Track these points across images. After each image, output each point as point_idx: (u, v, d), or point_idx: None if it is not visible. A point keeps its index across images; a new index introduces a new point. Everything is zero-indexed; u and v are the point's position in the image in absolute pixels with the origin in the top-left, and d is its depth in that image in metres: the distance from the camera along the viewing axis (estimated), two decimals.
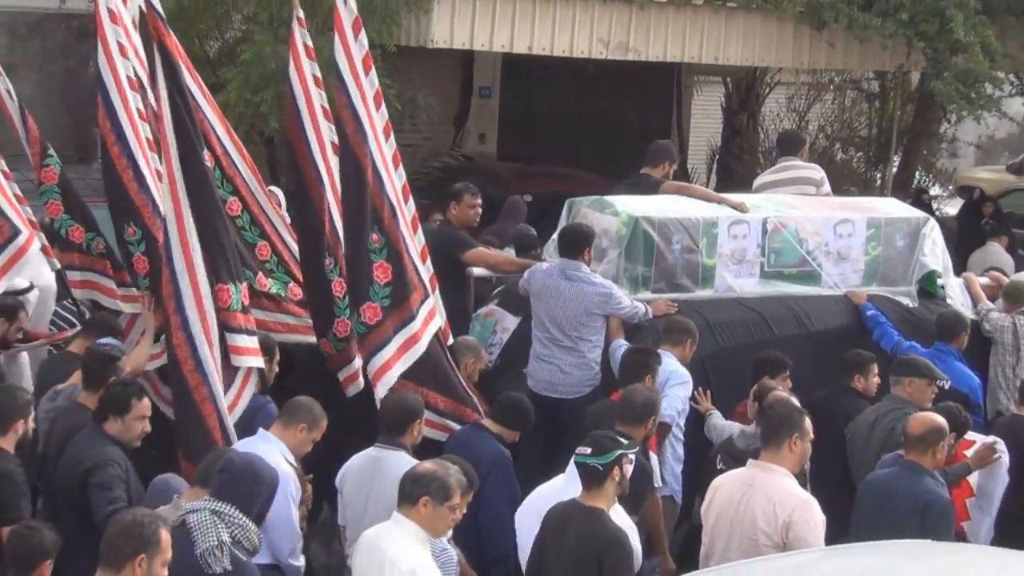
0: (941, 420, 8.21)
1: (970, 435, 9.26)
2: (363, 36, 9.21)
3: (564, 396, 9.82)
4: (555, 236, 10.90)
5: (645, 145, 21.17)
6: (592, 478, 7.18)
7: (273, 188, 11.63)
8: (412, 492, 6.95)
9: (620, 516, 7.35)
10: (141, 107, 9.61)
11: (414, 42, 15.63)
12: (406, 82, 15.15)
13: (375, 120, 9.09)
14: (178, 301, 8.51)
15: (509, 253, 11.90)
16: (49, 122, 19.26)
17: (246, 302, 8.78)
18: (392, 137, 9.34)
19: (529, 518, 7.72)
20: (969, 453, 9.16)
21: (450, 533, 7.25)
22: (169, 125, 8.56)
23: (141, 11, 9.43)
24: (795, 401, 8.73)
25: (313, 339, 9.86)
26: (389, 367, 8.98)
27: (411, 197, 9.51)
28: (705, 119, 24.03)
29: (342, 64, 9.07)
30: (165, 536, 6.00)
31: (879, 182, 20.73)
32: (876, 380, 9.84)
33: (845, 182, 19.62)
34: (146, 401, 8.03)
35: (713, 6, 17.12)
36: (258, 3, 15.23)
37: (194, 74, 9.92)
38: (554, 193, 13.85)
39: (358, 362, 9.62)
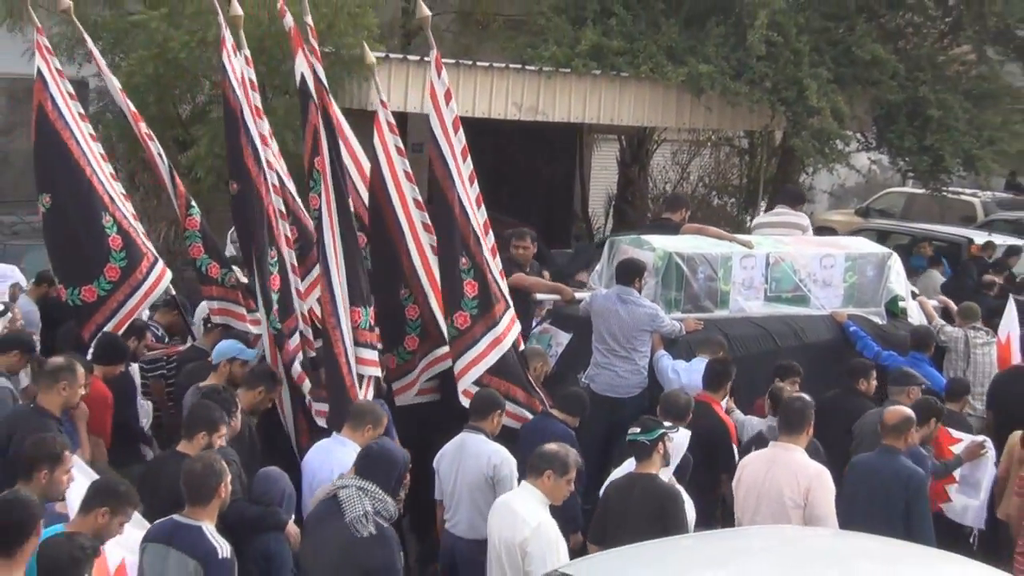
0: (910, 412, 9.42)
1: (957, 433, 10.74)
2: (453, 103, 10.42)
3: (620, 396, 11.17)
4: (597, 268, 12.52)
5: (553, 192, 22.96)
6: (642, 451, 8.42)
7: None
8: (539, 466, 7.96)
9: (667, 478, 8.55)
10: (270, 158, 10.99)
11: (356, 105, 16.46)
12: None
13: (462, 169, 10.34)
14: (337, 319, 9.78)
15: None
16: None
17: (372, 322, 10.06)
18: (476, 183, 10.53)
19: None
20: (957, 449, 10.55)
21: None
22: (329, 178, 9.92)
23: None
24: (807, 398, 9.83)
25: None
26: (477, 363, 10.21)
27: (490, 231, 10.72)
28: (603, 171, 25.26)
29: (435, 124, 10.31)
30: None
31: (749, 224, 20.39)
32: (874, 383, 11.20)
33: (719, 224, 21.09)
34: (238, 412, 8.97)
35: (609, 76, 18.72)
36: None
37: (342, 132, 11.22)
38: None
39: (416, 375, 10.89)
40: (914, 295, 13.37)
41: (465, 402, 10.08)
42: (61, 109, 11.25)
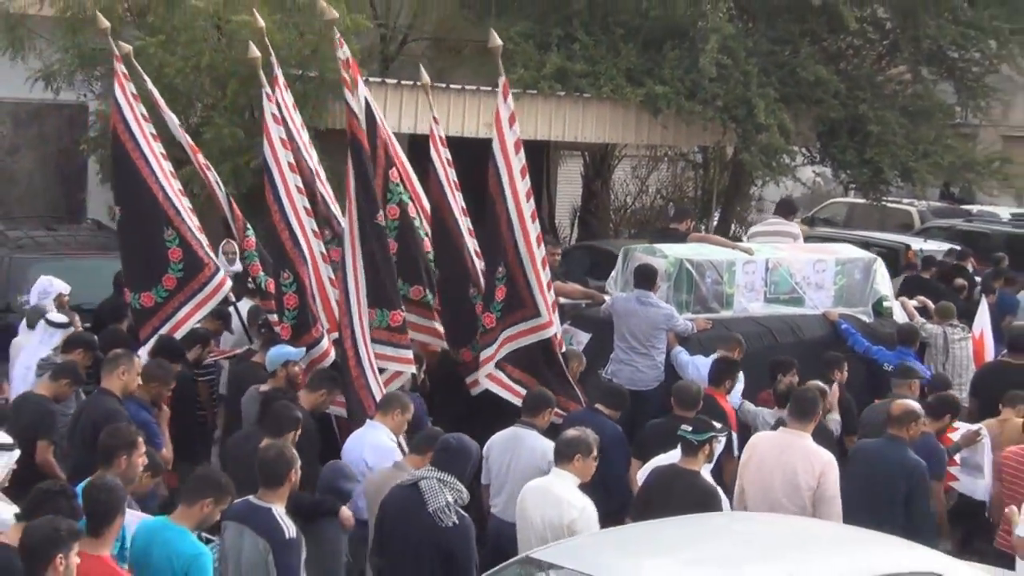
0: (916, 405, 9.85)
1: (955, 423, 11.14)
2: (516, 126, 11.20)
3: (640, 389, 11.86)
4: (613, 274, 13.22)
5: None
6: (689, 448, 8.84)
7: (231, 241, 13.84)
8: (567, 452, 8.45)
9: (708, 477, 9.01)
10: (300, 184, 11.49)
11: (339, 125, 15.85)
12: (334, 156, 15.80)
13: (518, 186, 11.10)
14: (350, 319, 10.55)
15: None
16: (45, 190, 20.48)
17: (392, 324, 10.81)
18: (532, 199, 11.26)
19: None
20: (955, 436, 10.97)
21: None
22: (352, 195, 10.71)
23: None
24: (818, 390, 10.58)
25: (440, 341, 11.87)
26: (490, 359, 11.15)
27: (543, 243, 11.35)
28: (568, 184, 25.87)
29: (496, 145, 11.16)
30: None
31: (703, 233, 21.04)
32: (846, 374, 11.93)
33: None
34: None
35: (572, 96, 19.55)
36: (216, 95, 16.72)
37: (400, 160, 12.02)
38: None
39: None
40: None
41: (499, 391, 11.03)
42: (133, 131, 11.95)
